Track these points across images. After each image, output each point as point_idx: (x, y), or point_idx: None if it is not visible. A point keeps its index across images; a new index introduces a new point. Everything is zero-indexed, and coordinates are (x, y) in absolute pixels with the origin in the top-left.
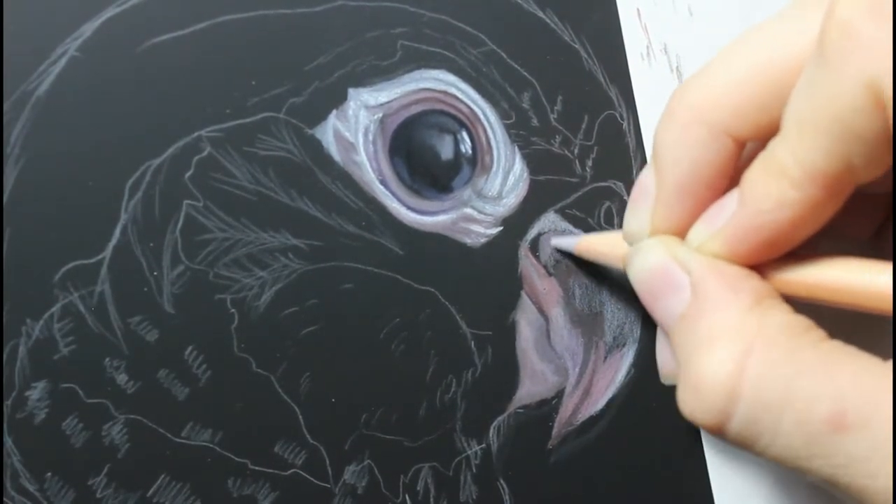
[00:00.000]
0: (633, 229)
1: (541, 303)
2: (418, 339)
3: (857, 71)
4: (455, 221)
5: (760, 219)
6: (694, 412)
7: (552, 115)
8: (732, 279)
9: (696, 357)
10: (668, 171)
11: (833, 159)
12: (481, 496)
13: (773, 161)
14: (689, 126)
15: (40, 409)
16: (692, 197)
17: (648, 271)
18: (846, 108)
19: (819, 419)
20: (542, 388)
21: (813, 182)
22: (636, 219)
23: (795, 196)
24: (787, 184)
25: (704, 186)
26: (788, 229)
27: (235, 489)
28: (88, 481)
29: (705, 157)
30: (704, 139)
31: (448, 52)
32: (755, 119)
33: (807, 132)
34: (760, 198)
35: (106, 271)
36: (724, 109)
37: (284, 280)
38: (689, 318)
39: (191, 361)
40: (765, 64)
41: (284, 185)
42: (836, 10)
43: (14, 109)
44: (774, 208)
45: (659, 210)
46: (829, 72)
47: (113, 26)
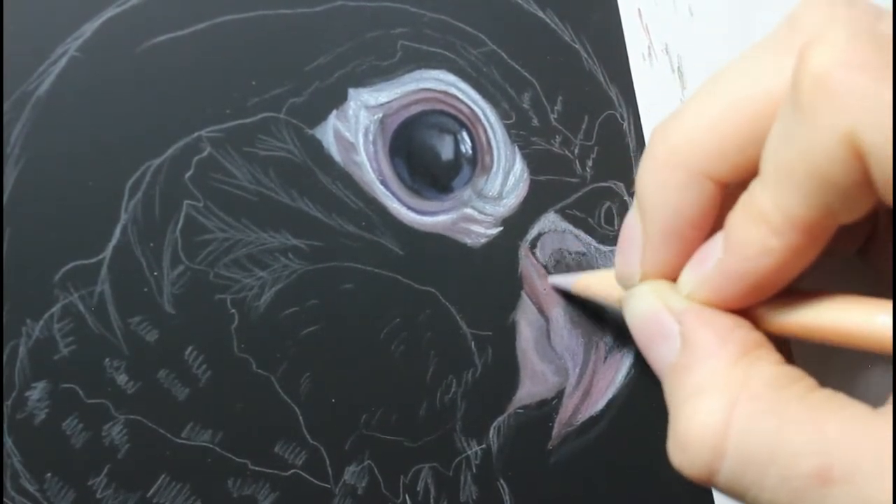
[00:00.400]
0: (624, 273)
1: (541, 303)
2: (418, 339)
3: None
4: (455, 222)
5: (746, 265)
6: (681, 465)
7: (552, 116)
8: (721, 329)
9: (682, 410)
10: (652, 216)
11: (812, 208)
12: (481, 496)
13: (754, 207)
14: (668, 170)
15: (40, 410)
16: (678, 239)
17: (640, 318)
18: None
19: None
20: (542, 389)
21: (793, 228)
22: (626, 263)
23: (777, 243)
24: (769, 230)
25: (689, 228)
26: (773, 274)
27: (235, 489)
28: (88, 481)
29: (687, 201)
30: (684, 182)
31: (448, 52)
32: (734, 160)
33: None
34: (744, 245)
35: (106, 271)
36: (701, 152)
37: (285, 280)
38: (678, 369)
39: (191, 362)
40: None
41: (285, 185)
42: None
43: (14, 109)
44: (757, 255)
45: (647, 254)
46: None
47: (113, 26)
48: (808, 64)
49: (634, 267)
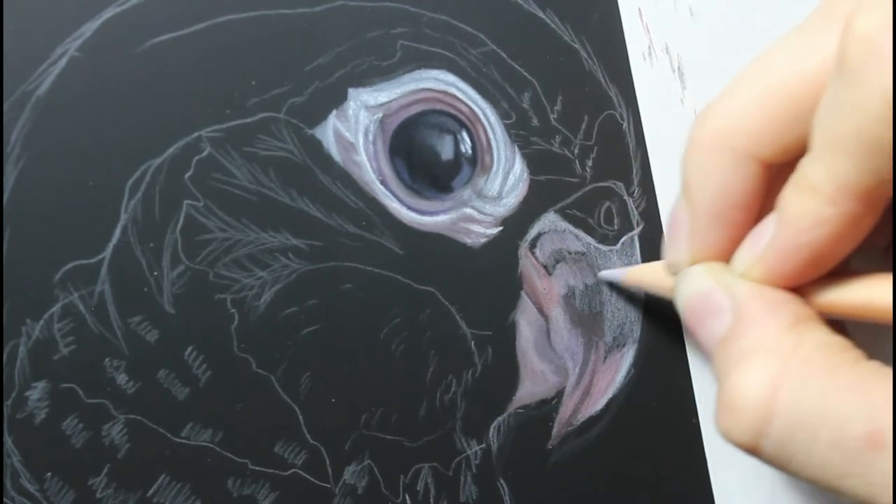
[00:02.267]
0: (674, 261)
1: (541, 303)
2: (418, 339)
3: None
4: (455, 221)
5: (800, 238)
6: (729, 430)
7: (552, 115)
8: (773, 302)
9: (732, 375)
10: (698, 200)
11: (864, 173)
12: (481, 496)
13: (805, 180)
14: (713, 153)
15: (40, 410)
16: (726, 223)
17: (692, 296)
18: (871, 122)
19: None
20: (542, 388)
21: (847, 197)
22: (675, 250)
23: (832, 212)
24: (823, 200)
25: (737, 211)
26: (829, 246)
27: (235, 489)
28: (88, 481)
29: (733, 183)
30: (730, 165)
31: (448, 52)
32: (779, 140)
33: (835, 148)
34: (798, 217)
35: (106, 271)
36: (746, 133)
37: (284, 280)
38: (728, 339)
39: (191, 361)
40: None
41: (284, 185)
42: (855, 26)
43: (14, 109)
44: (813, 226)
45: (695, 239)
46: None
47: (113, 26)
48: (853, 29)
49: (683, 253)
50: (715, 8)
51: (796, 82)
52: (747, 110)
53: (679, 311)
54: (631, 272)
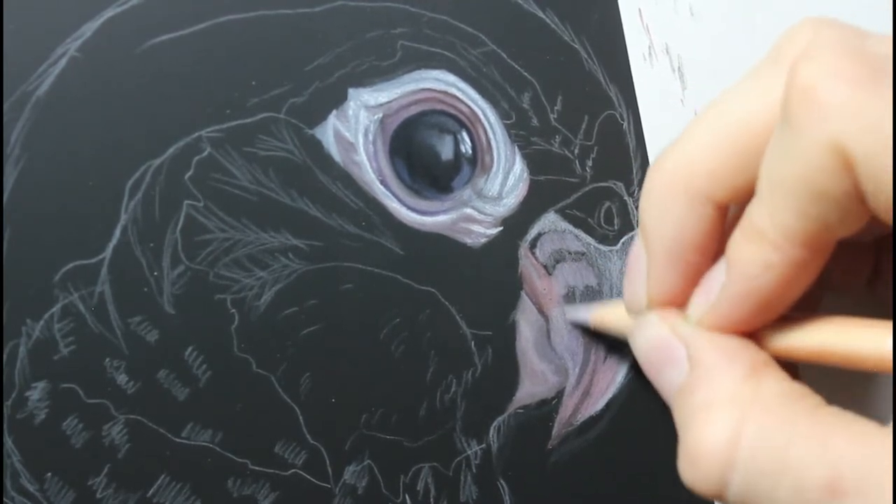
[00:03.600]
0: (632, 301)
1: (541, 303)
2: (418, 339)
3: (821, 134)
4: (455, 221)
5: (749, 284)
6: (693, 481)
7: (552, 115)
8: (728, 350)
9: (692, 426)
10: (654, 241)
11: (808, 220)
12: (481, 496)
13: (751, 226)
14: (668, 194)
15: (40, 410)
16: (682, 264)
17: (648, 345)
18: (813, 170)
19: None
20: (542, 389)
21: (792, 243)
22: (633, 290)
23: (778, 258)
24: (768, 247)
25: (693, 252)
26: (778, 291)
27: (235, 489)
28: (88, 481)
29: (688, 224)
30: (684, 206)
31: (448, 52)
32: (731, 182)
33: (779, 195)
34: (745, 264)
35: (106, 271)
36: (699, 176)
37: (285, 280)
38: (686, 389)
39: (191, 362)
40: (735, 127)
41: (284, 185)
42: (798, 74)
43: (14, 110)
44: (760, 272)
45: (652, 280)
46: (795, 135)
47: (113, 27)
48: (796, 78)
49: (641, 293)
50: (715, 8)
51: (747, 126)
52: (701, 153)
53: (637, 357)
54: (595, 315)
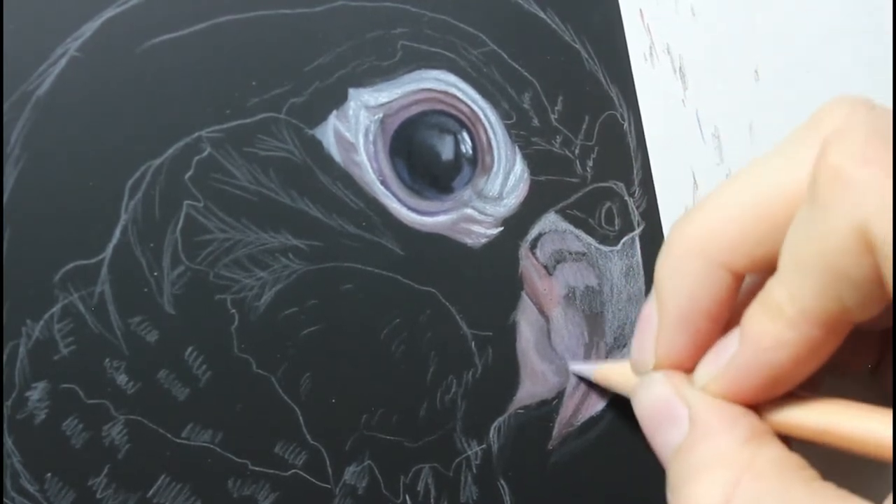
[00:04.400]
0: (639, 360)
1: (541, 303)
2: (419, 339)
3: (846, 215)
4: (456, 222)
5: (760, 358)
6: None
7: (553, 116)
8: (729, 415)
9: (686, 485)
10: (668, 304)
11: (827, 300)
12: (482, 497)
13: (770, 300)
14: (686, 259)
15: (40, 410)
16: (693, 329)
17: (650, 402)
18: (836, 251)
19: None
20: (542, 389)
21: (809, 322)
22: (641, 350)
23: (793, 336)
24: (784, 324)
25: (705, 318)
26: (788, 368)
27: (236, 490)
28: (88, 482)
29: (704, 290)
30: (702, 272)
31: (449, 52)
32: (751, 253)
33: (800, 273)
34: (759, 337)
35: (106, 272)
36: (720, 243)
37: (285, 280)
38: (683, 449)
39: (191, 362)
40: (760, 199)
41: (285, 185)
42: (828, 155)
43: (14, 110)
44: (773, 347)
45: (662, 342)
46: (820, 215)
47: (113, 26)
48: (826, 158)
49: (649, 354)
50: (716, 9)
51: (773, 199)
52: (723, 221)
53: (637, 415)
54: (599, 371)
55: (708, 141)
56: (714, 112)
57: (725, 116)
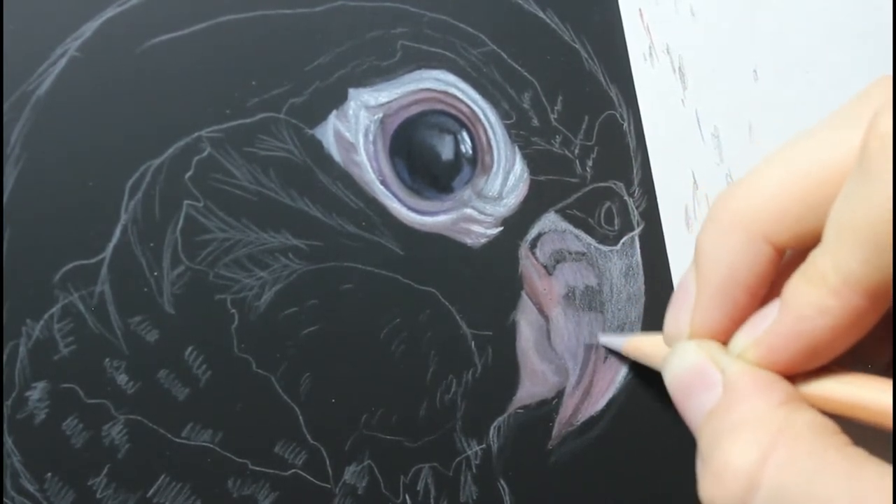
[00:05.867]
0: (673, 330)
1: (541, 303)
2: (418, 339)
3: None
4: (455, 222)
5: (800, 326)
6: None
7: (552, 116)
8: (764, 380)
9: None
10: (708, 275)
11: (871, 269)
12: (481, 496)
13: (813, 269)
14: (729, 231)
15: (40, 410)
16: (731, 301)
17: (683, 369)
18: (882, 219)
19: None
20: (542, 389)
21: (852, 290)
22: (676, 320)
23: (835, 304)
24: (827, 291)
25: (743, 291)
26: (828, 337)
27: (236, 489)
28: (88, 481)
29: (744, 263)
30: (744, 244)
31: (448, 52)
32: (795, 228)
33: (846, 241)
34: (801, 305)
35: (106, 271)
36: (764, 217)
37: (285, 280)
38: (717, 412)
39: (191, 362)
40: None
41: (285, 185)
42: (879, 124)
43: (14, 110)
44: (814, 315)
45: (698, 313)
46: (869, 183)
47: (113, 26)
48: (875, 126)
49: (684, 325)
50: (716, 8)
51: (819, 173)
52: (768, 195)
53: (667, 383)
54: (630, 341)
55: (707, 140)
56: (713, 112)
57: (725, 116)
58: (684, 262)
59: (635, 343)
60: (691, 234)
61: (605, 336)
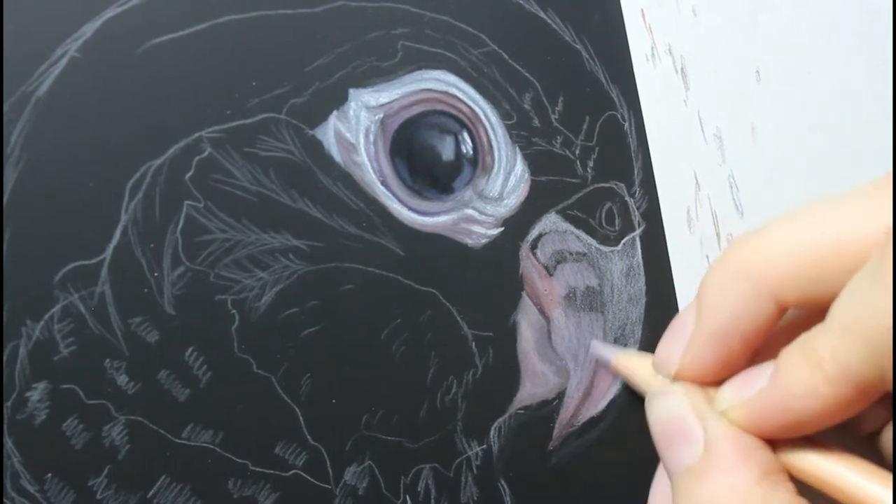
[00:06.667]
0: (664, 360)
1: (542, 304)
2: (419, 340)
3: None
4: (456, 222)
5: (789, 402)
6: None
7: (553, 116)
8: (745, 448)
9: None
10: (708, 318)
11: (869, 367)
12: (482, 497)
13: (812, 351)
14: (737, 279)
15: (41, 411)
16: (726, 348)
17: (668, 417)
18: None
19: None
20: (542, 390)
21: (846, 383)
22: (668, 351)
23: (827, 391)
24: (821, 377)
25: (740, 340)
26: (814, 417)
27: (236, 490)
28: (89, 482)
29: (746, 313)
30: (749, 295)
31: (449, 52)
32: (803, 291)
33: (849, 336)
34: (793, 382)
35: (106, 272)
36: (774, 273)
37: (285, 281)
38: (696, 473)
39: (191, 362)
40: (825, 241)
41: (285, 185)
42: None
43: (14, 110)
44: (805, 396)
45: (691, 351)
46: (882, 283)
47: (113, 27)
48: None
49: (675, 357)
50: (718, 9)
51: (838, 244)
52: (782, 252)
53: (650, 424)
54: (621, 357)
55: (710, 141)
56: (716, 112)
57: (727, 117)
58: (686, 263)
59: (625, 359)
60: (693, 235)
61: (598, 344)
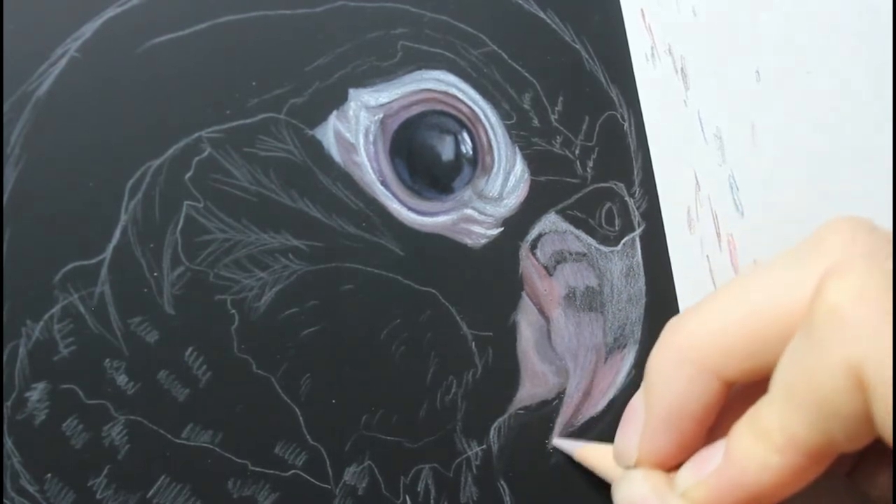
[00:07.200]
0: (622, 451)
1: (541, 304)
2: (419, 340)
3: (840, 353)
4: (456, 222)
5: (743, 478)
6: None
7: (553, 116)
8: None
9: None
10: (656, 403)
11: (815, 432)
12: (482, 497)
13: (759, 424)
14: (678, 362)
15: (40, 411)
16: (679, 430)
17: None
18: (828, 388)
19: None
20: (542, 390)
21: (796, 451)
22: (625, 441)
23: (778, 461)
24: (771, 448)
25: (691, 422)
26: (769, 490)
27: (236, 490)
28: (88, 482)
29: (692, 394)
30: (692, 377)
31: (449, 52)
32: (743, 364)
33: (791, 404)
34: (744, 458)
35: (106, 272)
36: (714, 352)
37: (285, 281)
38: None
39: (191, 362)
40: (756, 314)
41: (285, 185)
42: (826, 293)
43: (14, 110)
44: (757, 470)
45: (646, 439)
46: (816, 350)
47: (113, 27)
48: (824, 295)
49: (632, 447)
50: (718, 9)
51: (768, 316)
52: (717, 330)
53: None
54: (582, 451)
55: (710, 141)
56: (716, 112)
57: (727, 117)
58: (686, 263)
59: (588, 453)
60: (693, 235)
61: (561, 440)
